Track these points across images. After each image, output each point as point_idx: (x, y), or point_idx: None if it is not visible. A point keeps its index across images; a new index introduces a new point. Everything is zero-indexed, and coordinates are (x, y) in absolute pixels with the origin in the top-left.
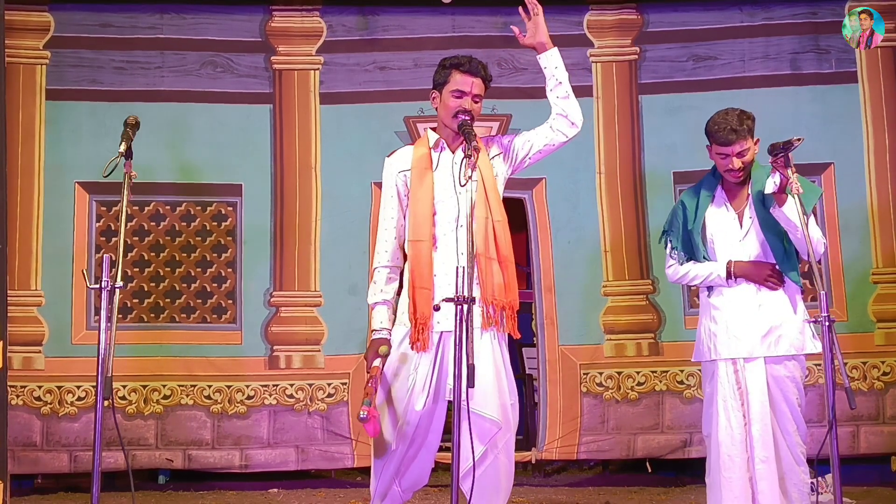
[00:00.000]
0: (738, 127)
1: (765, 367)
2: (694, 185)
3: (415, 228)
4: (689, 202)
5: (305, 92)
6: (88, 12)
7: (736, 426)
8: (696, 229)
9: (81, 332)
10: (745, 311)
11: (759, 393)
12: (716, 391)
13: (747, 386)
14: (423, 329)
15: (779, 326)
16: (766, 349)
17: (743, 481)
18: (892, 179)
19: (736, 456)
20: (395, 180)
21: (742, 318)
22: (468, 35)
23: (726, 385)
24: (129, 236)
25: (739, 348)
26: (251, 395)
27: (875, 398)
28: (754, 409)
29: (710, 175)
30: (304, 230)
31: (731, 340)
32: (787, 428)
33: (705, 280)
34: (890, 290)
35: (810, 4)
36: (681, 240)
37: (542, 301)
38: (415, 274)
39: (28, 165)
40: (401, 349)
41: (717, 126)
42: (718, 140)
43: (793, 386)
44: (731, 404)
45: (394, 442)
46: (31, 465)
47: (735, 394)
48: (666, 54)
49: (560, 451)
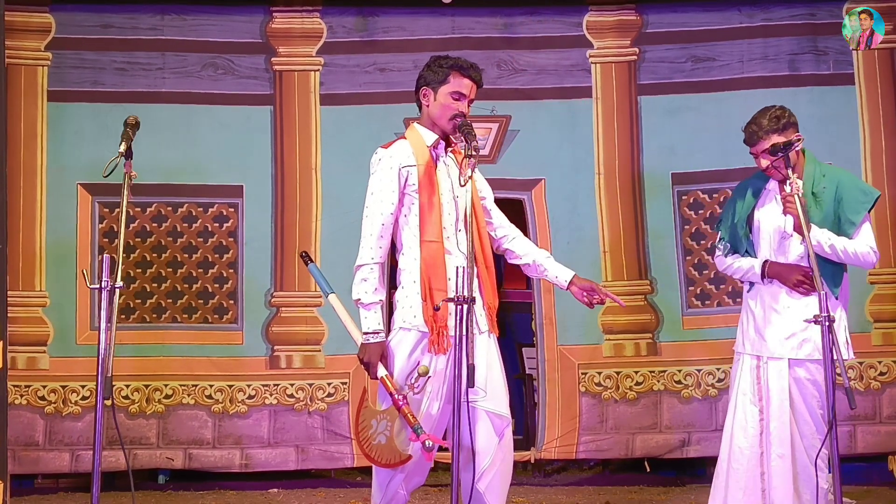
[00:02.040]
0: (762, 127)
1: (788, 368)
2: (752, 177)
3: (429, 229)
4: (741, 194)
5: (306, 93)
6: (89, 13)
7: (750, 420)
8: (741, 223)
9: (86, 332)
10: (772, 311)
11: (779, 391)
12: (738, 381)
13: (768, 383)
14: (442, 332)
15: (803, 330)
16: (789, 351)
17: (751, 474)
18: (889, 181)
19: (746, 448)
20: (398, 174)
21: (768, 318)
22: (468, 36)
23: (748, 378)
24: (131, 237)
25: (762, 347)
26: (252, 394)
27: (872, 398)
28: (773, 406)
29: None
30: (304, 231)
31: (756, 337)
32: (804, 431)
33: (744, 275)
34: (887, 291)
35: (809, 6)
36: (728, 231)
37: (541, 301)
38: (430, 276)
39: (30, 167)
40: (414, 355)
41: (746, 125)
42: (745, 140)
43: (813, 389)
44: (749, 398)
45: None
46: (33, 465)
47: (754, 388)
48: (665, 55)
49: (559, 450)
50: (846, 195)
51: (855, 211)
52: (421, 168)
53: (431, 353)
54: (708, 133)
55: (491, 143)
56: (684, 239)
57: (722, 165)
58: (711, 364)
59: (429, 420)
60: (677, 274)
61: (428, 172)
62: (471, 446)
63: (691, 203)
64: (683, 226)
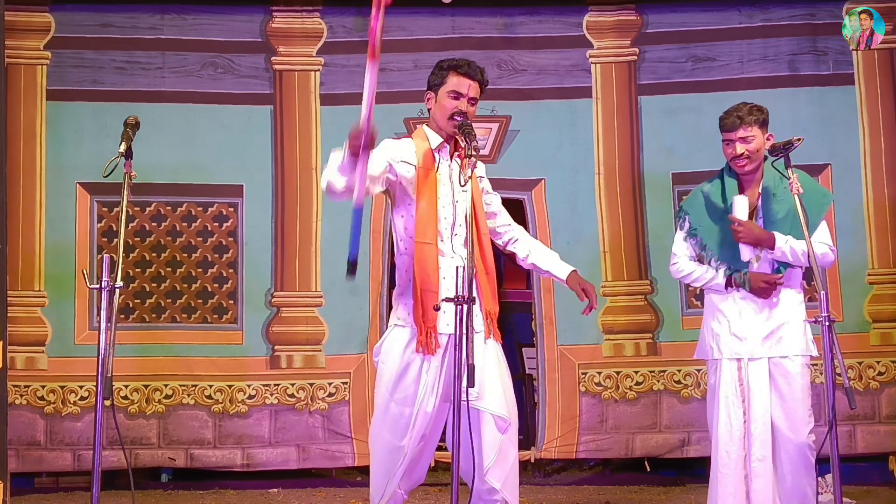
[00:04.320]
0: (744, 115)
1: (768, 367)
2: (712, 179)
3: (422, 229)
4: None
5: (306, 93)
6: (89, 13)
7: (735, 423)
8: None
9: (84, 332)
10: (747, 312)
11: (761, 393)
12: (718, 387)
13: (749, 384)
14: (430, 333)
15: (780, 327)
16: (768, 350)
17: (738, 478)
18: (888, 181)
19: (733, 452)
20: (392, 163)
21: (744, 320)
22: (468, 36)
23: (729, 382)
24: (131, 237)
25: (741, 349)
26: (252, 394)
27: (871, 398)
28: (755, 407)
29: (727, 170)
30: (304, 231)
31: (733, 340)
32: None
33: (707, 283)
34: (885, 291)
35: (808, 6)
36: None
37: (541, 301)
38: (421, 276)
39: (29, 166)
40: (406, 352)
41: (724, 114)
42: (724, 126)
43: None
44: (733, 401)
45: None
46: (35, 464)
47: (737, 391)
48: (665, 55)
49: (559, 450)
50: (807, 198)
51: (816, 212)
52: (421, 169)
53: (420, 354)
54: (708, 133)
55: (491, 143)
56: None
57: (722, 165)
58: None
59: (424, 417)
60: None
61: (427, 174)
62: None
63: None
64: None
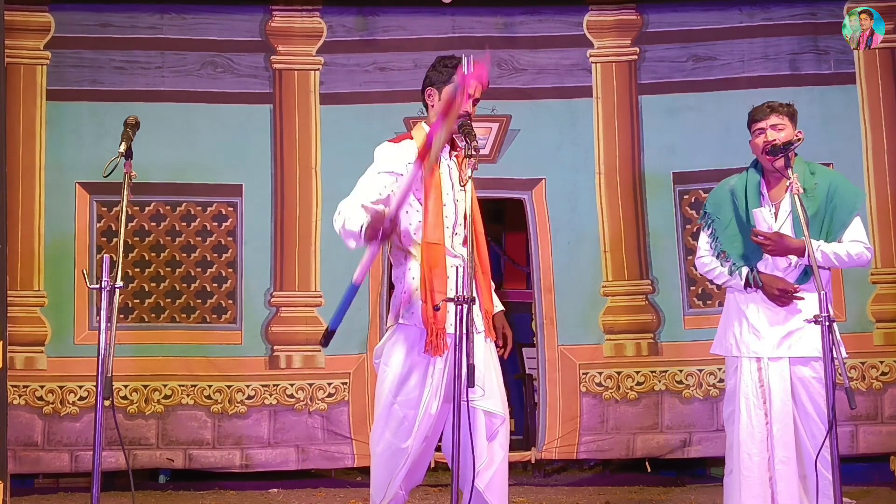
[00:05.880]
0: (776, 105)
1: (789, 368)
2: (739, 175)
3: (431, 230)
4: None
5: (305, 92)
6: (88, 12)
7: (757, 424)
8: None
9: (84, 332)
10: (767, 311)
11: (781, 392)
12: (738, 387)
13: (770, 384)
14: (439, 334)
15: (799, 329)
16: (787, 350)
17: (762, 480)
18: (891, 180)
19: (755, 454)
20: (406, 170)
21: (764, 319)
22: (468, 36)
23: (749, 382)
24: (130, 236)
25: (759, 347)
26: (251, 394)
27: (873, 398)
28: (776, 408)
29: (752, 167)
30: (304, 230)
31: (752, 338)
32: (812, 430)
33: (727, 281)
34: (888, 291)
35: (809, 5)
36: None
37: (541, 301)
38: (431, 277)
39: (29, 166)
40: (412, 354)
41: (754, 108)
42: (754, 116)
43: (819, 387)
44: (753, 402)
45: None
46: (33, 465)
47: (757, 391)
48: (665, 55)
49: (560, 450)
50: (839, 195)
51: (848, 211)
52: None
53: (428, 354)
54: (709, 132)
55: (491, 143)
56: (685, 238)
57: (723, 165)
58: (713, 364)
59: (428, 419)
60: (678, 273)
61: (433, 172)
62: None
63: (693, 202)
64: (685, 225)
